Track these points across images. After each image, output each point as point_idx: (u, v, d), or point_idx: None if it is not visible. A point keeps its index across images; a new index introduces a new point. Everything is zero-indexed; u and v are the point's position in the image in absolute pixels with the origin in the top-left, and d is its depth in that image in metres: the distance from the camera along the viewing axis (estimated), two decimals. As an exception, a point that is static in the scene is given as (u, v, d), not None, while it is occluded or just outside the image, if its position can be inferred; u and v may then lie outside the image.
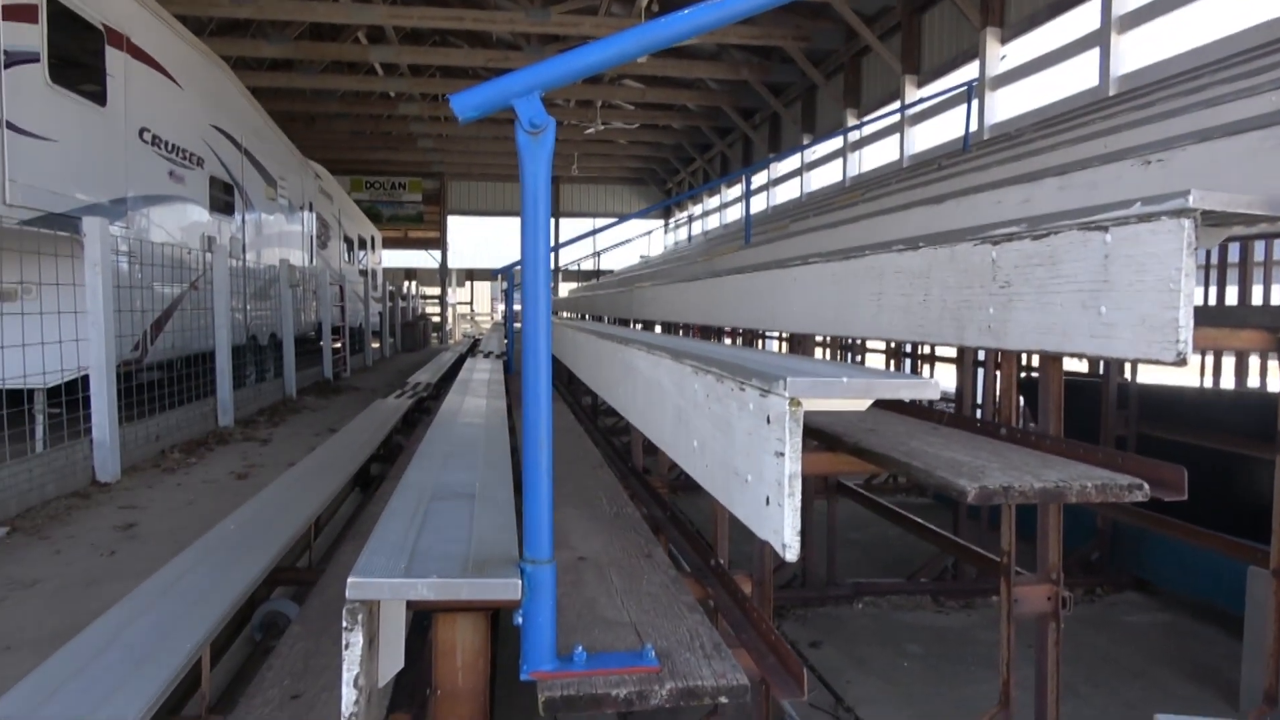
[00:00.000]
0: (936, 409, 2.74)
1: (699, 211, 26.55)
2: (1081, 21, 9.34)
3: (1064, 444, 1.96)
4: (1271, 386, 5.77)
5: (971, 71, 11.28)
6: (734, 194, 23.04)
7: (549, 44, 17.15)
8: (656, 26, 1.59)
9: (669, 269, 11.36)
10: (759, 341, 8.15)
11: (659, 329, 7.10)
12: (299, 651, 2.34)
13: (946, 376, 6.78)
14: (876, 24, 13.69)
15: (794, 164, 18.24)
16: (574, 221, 29.89)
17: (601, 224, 12.35)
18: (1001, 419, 2.43)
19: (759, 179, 19.63)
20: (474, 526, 1.83)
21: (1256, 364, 5.63)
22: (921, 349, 7.82)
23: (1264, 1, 7.00)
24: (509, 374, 6.77)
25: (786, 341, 10.12)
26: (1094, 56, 9.10)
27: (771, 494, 1.42)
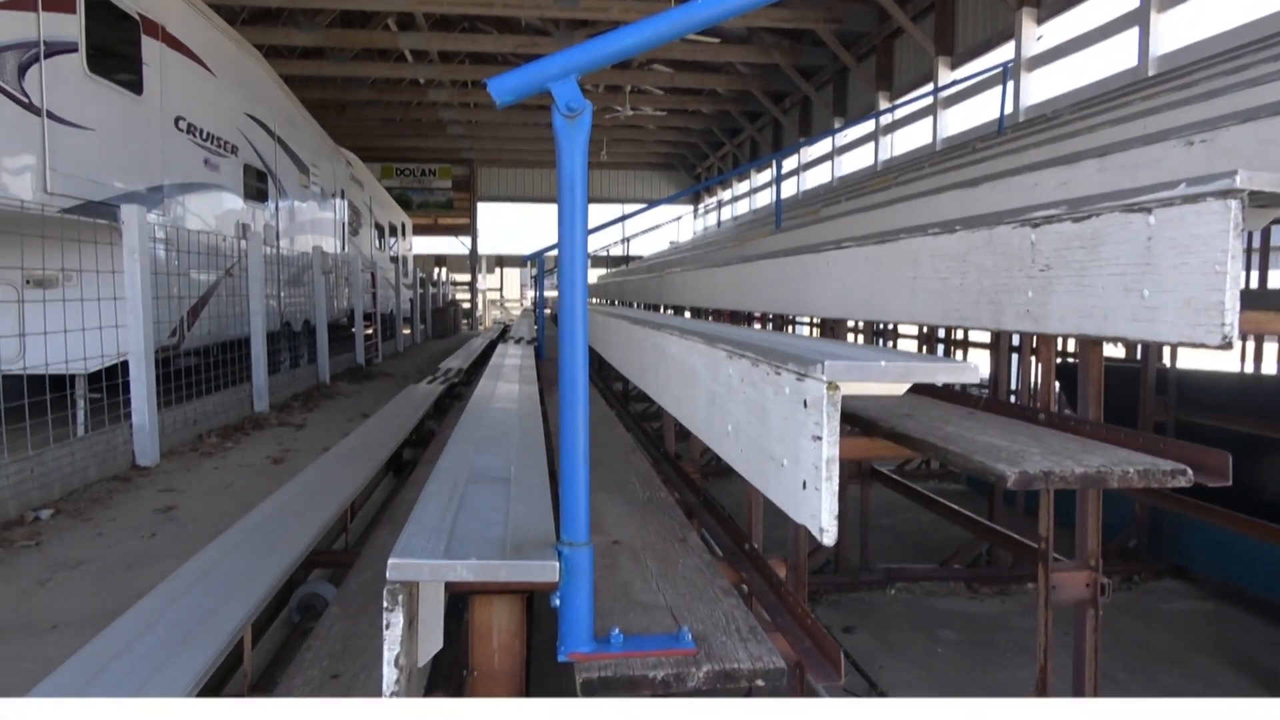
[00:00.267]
0: (972, 394, 2.72)
1: (728, 197, 26.43)
2: (1120, 0, 9.17)
3: (1104, 429, 1.94)
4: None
5: (1007, 53, 11.11)
6: (763, 179, 22.91)
7: (578, 29, 17.11)
8: (691, 9, 1.58)
9: (699, 254, 11.33)
10: (788, 327, 8.11)
11: (688, 315, 7.09)
12: (337, 633, 2.37)
13: (980, 362, 6.72)
14: (909, 5, 13.51)
15: (824, 148, 18.09)
16: (603, 207, 29.84)
17: (630, 210, 12.31)
18: (1040, 404, 2.41)
19: (789, 163, 19.49)
20: (510, 510, 1.85)
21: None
22: (955, 334, 7.75)
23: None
24: (540, 360, 6.80)
25: (817, 327, 10.07)
26: (1133, 36, 8.92)
27: (809, 478, 1.41)
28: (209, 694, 2.07)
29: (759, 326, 6.39)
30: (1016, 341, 5.48)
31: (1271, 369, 5.46)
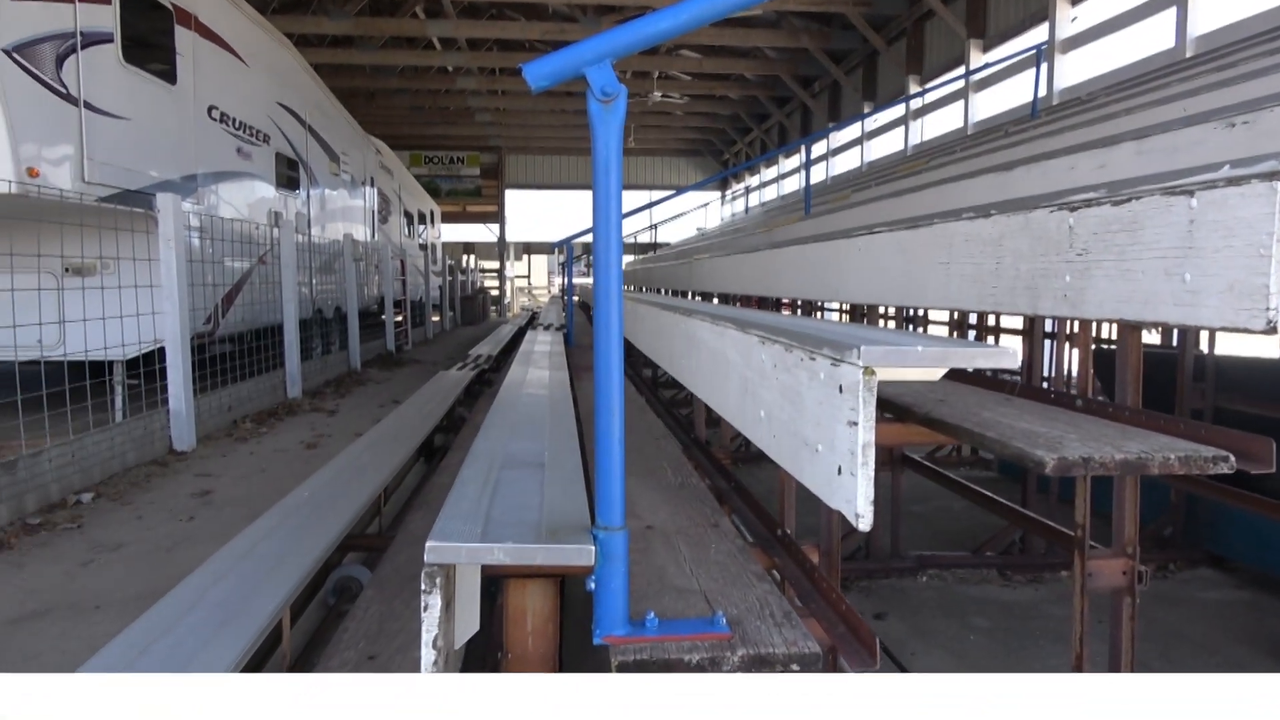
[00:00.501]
0: (1006, 380, 2.69)
1: (755, 183, 26.28)
2: (1157, -20, 8.99)
3: (1143, 415, 1.91)
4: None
5: (1040, 35, 10.94)
6: (792, 164, 22.76)
7: (605, 15, 17.05)
8: (726, -9, 1.57)
9: (727, 241, 11.29)
10: (817, 313, 8.07)
11: (715, 301, 7.08)
12: (373, 615, 2.40)
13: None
14: (941, -13, 13.35)
15: (853, 133, 17.93)
16: (630, 194, 29.79)
17: (658, 196, 12.28)
18: (1077, 390, 2.38)
19: (818, 149, 19.34)
20: (545, 494, 1.86)
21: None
22: (987, 320, 7.68)
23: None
24: (569, 347, 6.82)
25: (846, 313, 10.00)
26: (1170, 16, 8.76)
27: (844, 464, 1.41)
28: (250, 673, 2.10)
29: (787, 313, 6.37)
30: (1049, 327, 5.42)
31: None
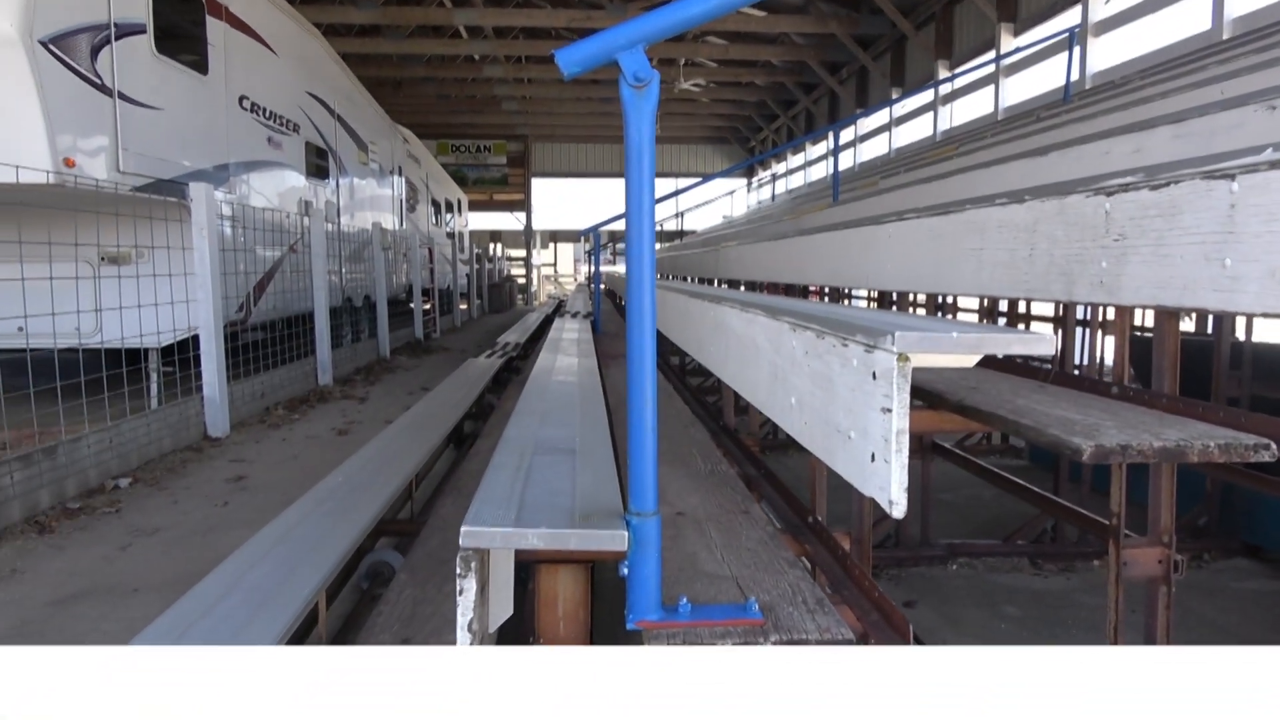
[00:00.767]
0: (1040, 367, 2.67)
1: (782, 170, 26.14)
2: (1195, -40, 8.83)
3: (1181, 402, 1.89)
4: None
5: (1073, 18, 10.77)
6: (818, 151, 22.60)
7: (631, 1, 16.99)
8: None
9: (754, 228, 11.24)
10: (844, 301, 8.03)
11: (742, 288, 7.06)
12: (406, 599, 2.42)
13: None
14: (971, -30, 13.18)
15: (881, 119, 17.77)
16: (656, 182, 29.65)
17: (684, 184, 12.24)
18: (1113, 377, 2.36)
19: (845, 135, 19.17)
20: (576, 480, 1.87)
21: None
22: (1017, 308, 7.60)
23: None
24: (596, 334, 6.83)
25: (875, 300, 9.93)
26: (1208, -3, 8.60)
27: (877, 450, 1.41)
28: (286, 656, 2.14)
29: (814, 299, 6.34)
30: (1081, 314, 5.36)
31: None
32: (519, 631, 2.39)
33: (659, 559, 1.56)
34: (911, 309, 6.22)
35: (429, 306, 15.30)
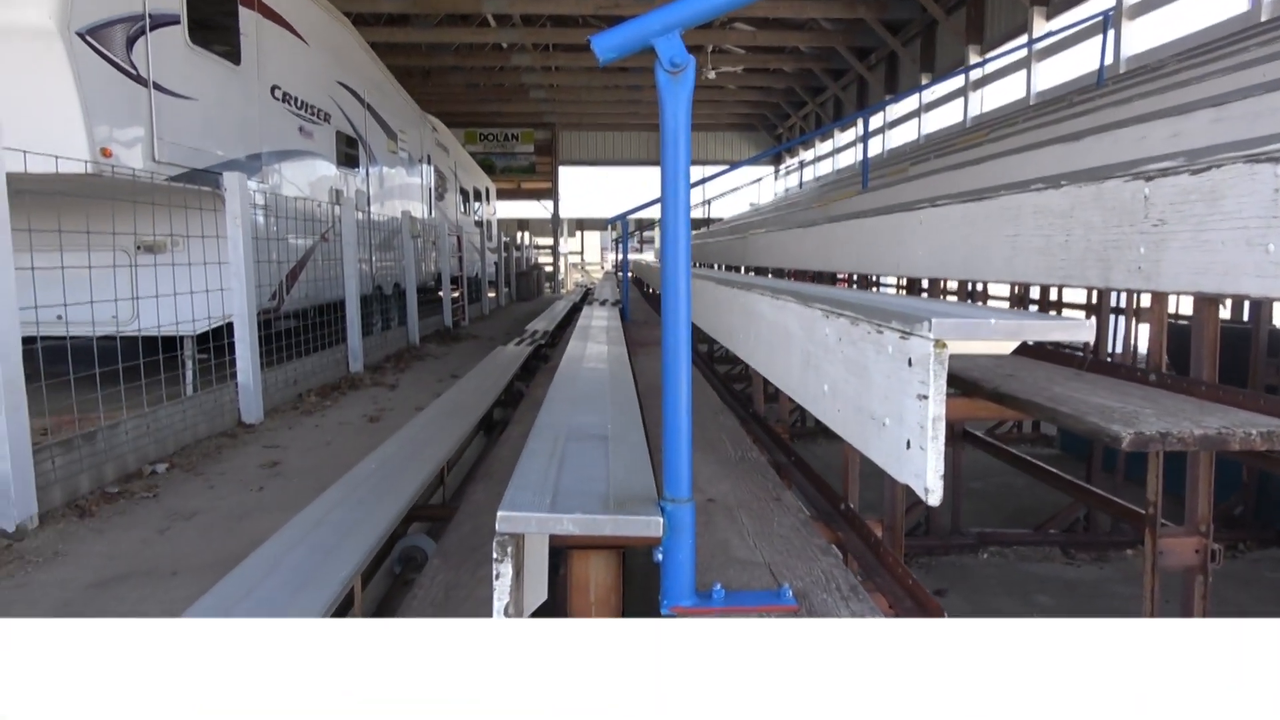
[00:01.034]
0: (1074, 354, 2.64)
1: (810, 157, 25.95)
2: (1234, -60, 8.64)
3: (1221, 390, 1.87)
4: None
5: (1107, 0, 10.59)
6: (847, 139, 22.42)
7: (659, -13, 16.90)
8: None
9: (781, 216, 11.19)
10: (872, 289, 7.97)
11: (770, 276, 7.03)
12: (439, 584, 2.45)
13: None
14: (1004, -47, 12.99)
15: (909, 106, 17.58)
16: (684, 169, 29.53)
17: (711, 172, 12.19)
18: (1151, 364, 2.33)
19: (874, 122, 19.00)
20: (610, 466, 1.88)
21: None
22: (1049, 295, 7.52)
23: None
24: (625, 322, 6.84)
25: (902, 288, 9.85)
26: (1247, -22, 8.42)
27: (913, 437, 1.40)
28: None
29: (843, 287, 6.30)
30: (1114, 302, 5.30)
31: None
32: (551, 617, 2.42)
33: (693, 545, 1.57)
34: (942, 296, 6.17)
35: (458, 294, 15.38)
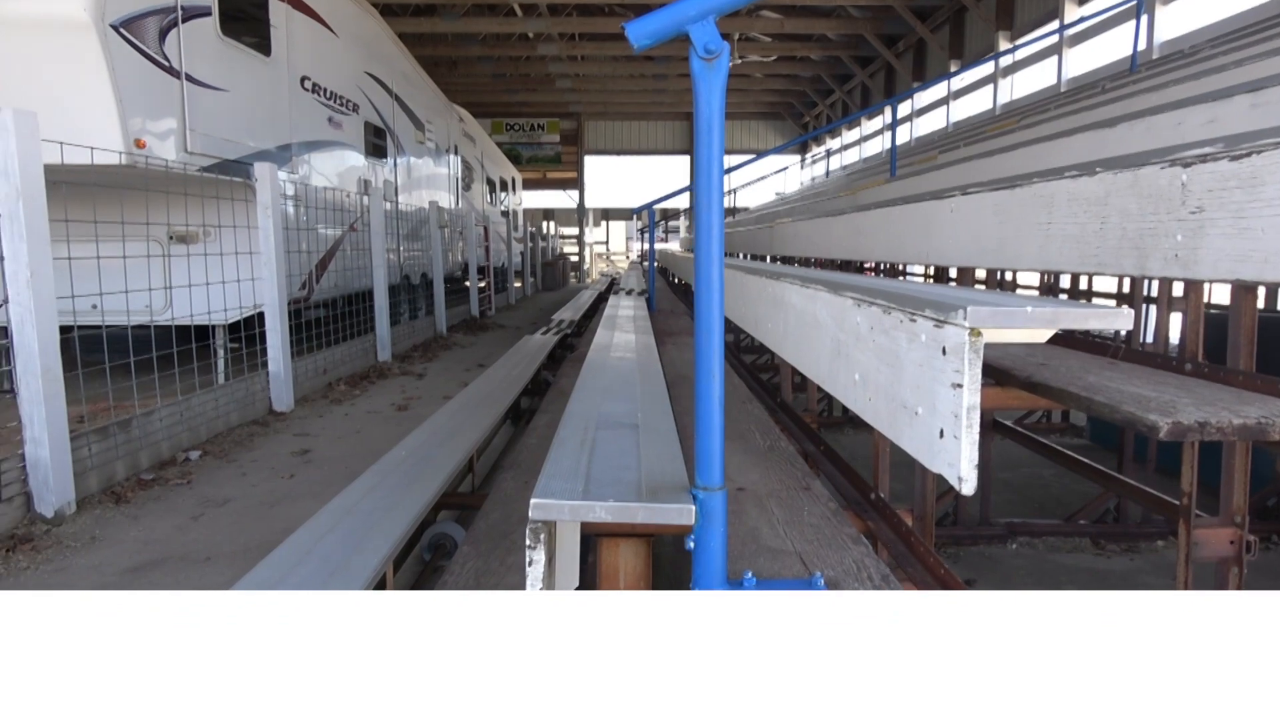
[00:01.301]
0: (1107, 344, 2.62)
1: (837, 146, 25.77)
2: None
3: (1259, 379, 1.84)
4: None
5: (1141, -16, 10.42)
6: (874, 127, 22.24)
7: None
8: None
9: (808, 205, 11.13)
10: (900, 277, 7.91)
11: (796, 265, 7.00)
12: (469, 571, 2.47)
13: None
14: (1035, -63, 12.81)
15: (938, 93, 17.41)
16: (710, 158, 29.39)
17: (737, 161, 12.14)
18: (1186, 354, 2.30)
19: (902, 109, 18.83)
20: (640, 454, 1.89)
21: None
22: (1079, 284, 7.43)
23: None
24: (651, 311, 6.84)
25: (930, 277, 9.77)
26: (1287, -40, 8.25)
27: (947, 426, 1.40)
28: (357, 623, 2.20)
29: (870, 275, 6.26)
30: (1147, 290, 5.23)
31: None
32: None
33: (725, 533, 1.58)
34: (973, 284, 6.12)
35: (484, 284, 15.44)
